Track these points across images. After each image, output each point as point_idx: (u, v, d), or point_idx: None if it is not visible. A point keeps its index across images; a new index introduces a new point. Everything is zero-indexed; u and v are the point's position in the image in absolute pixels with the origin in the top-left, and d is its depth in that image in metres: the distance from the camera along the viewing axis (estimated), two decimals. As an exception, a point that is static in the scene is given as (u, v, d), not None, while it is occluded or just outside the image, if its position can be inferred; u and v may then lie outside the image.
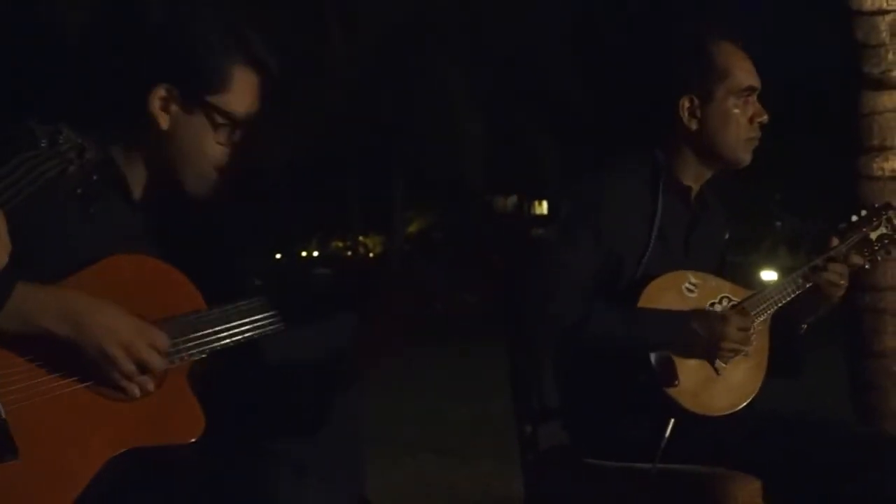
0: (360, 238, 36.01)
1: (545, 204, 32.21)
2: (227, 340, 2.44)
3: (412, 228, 29.92)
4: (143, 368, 2.31)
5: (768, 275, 3.88)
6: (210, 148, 2.49)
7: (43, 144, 2.11)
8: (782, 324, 3.24)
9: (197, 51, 2.47)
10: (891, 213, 3.39)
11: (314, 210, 29.97)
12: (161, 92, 2.44)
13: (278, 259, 32.23)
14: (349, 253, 36.53)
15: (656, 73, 3.33)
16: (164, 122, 2.46)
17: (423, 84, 24.17)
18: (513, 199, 33.40)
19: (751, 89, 3.22)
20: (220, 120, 2.48)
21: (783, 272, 3.29)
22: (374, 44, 23.32)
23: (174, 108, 2.46)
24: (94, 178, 2.20)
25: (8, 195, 2.00)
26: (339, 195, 29.06)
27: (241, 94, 2.50)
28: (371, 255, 36.76)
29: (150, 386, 2.34)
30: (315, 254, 38.15)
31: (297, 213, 28.55)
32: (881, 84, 4.67)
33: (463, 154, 24.24)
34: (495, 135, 24.54)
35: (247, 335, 2.46)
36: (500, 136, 24.74)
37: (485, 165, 24.76)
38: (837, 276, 3.22)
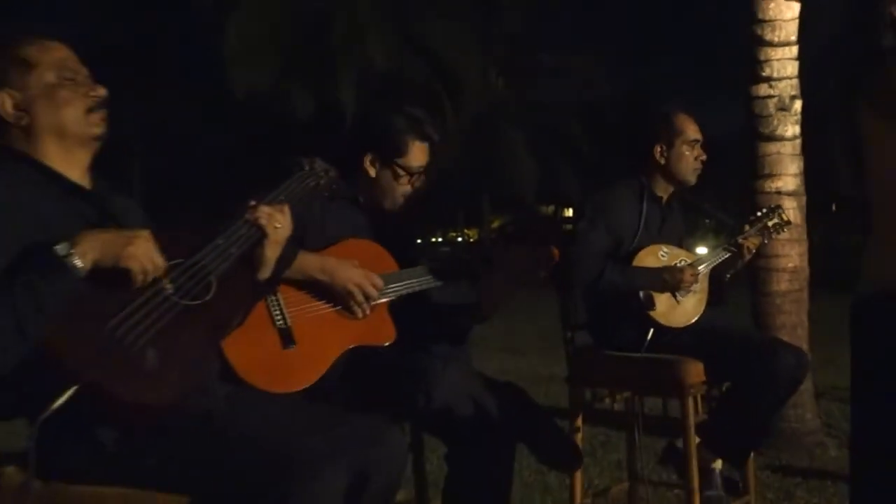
0: (465, 230, 35.90)
1: (570, 210, 31.87)
2: (409, 290, 2.48)
3: (494, 224, 29.88)
4: (367, 300, 2.36)
5: (700, 249, 3.83)
6: (399, 187, 2.56)
7: (306, 168, 2.15)
8: (715, 275, 3.20)
9: (389, 133, 2.53)
10: (780, 210, 3.35)
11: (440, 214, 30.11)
12: (369, 156, 2.53)
13: (419, 242, 32.30)
14: (458, 238, 36.42)
15: (641, 131, 3.29)
16: (372, 172, 2.56)
17: (499, 141, 24.16)
18: (551, 208, 33.06)
19: (696, 141, 3.19)
20: (402, 173, 2.53)
21: (711, 247, 3.26)
22: (471, 119, 23.26)
23: (378, 164, 2.53)
24: (334, 187, 2.23)
25: (289, 199, 2.03)
26: (453, 205, 29.20)
27: (415, 156, 2.55)
28: (470, 239, 36.61)
29: (368, 311, 2.38)
30: (439, 239, 38.05)
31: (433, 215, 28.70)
32: (770, 139, 4.61)
33: (522, 181, 24.18)
34: (541, 170, 24.49)
35: (419, 287, 2.50)
36: (543, 171, 24.68)
37: (535, 188, 24.73)
38: (749, 248, 3.19)
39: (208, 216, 1.96)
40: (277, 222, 1.92)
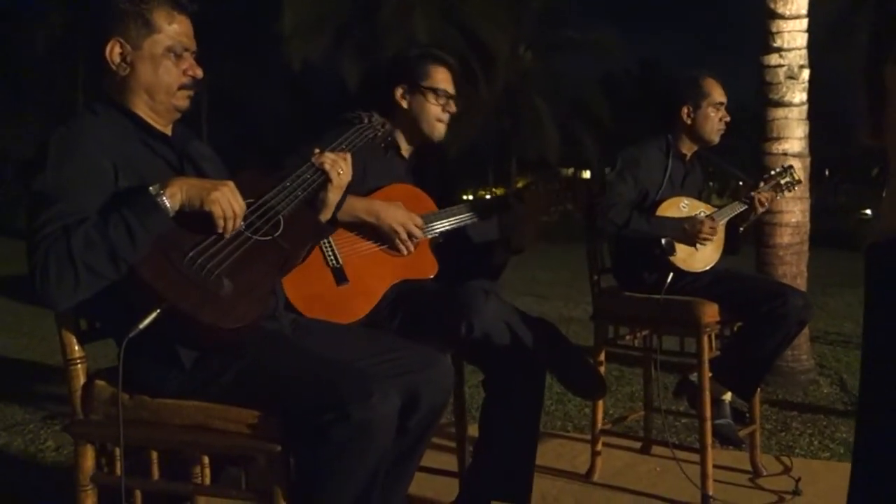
0: (493, 188, 35.66)
1: (588, 173, 31.52)
2: (448, 227, 2.39)
3: (519, 184, 29.64)
4: (411, 238, 2.29)
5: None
6: (431, 109, 2.44)
7: (365, 121, 2.09)
8: (731, 226, 3.08)
9: (411, 62, 2.46)
10: (792, 170, 3.21)
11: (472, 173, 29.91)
12: (399, 90, 2.43)
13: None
14: (487, 197, 36.25)
15: (671, 93, 3.15)
16: (404, 104, 2.44)
17: (526, 109, 23.92)
18: (571, 170, 32.67)
19: (721, 103, 3.05)
20: (429, 94, 2.44)
21: (728, 201, 3.15)
22: (501, 88, 23.00)
23: (408, 95, 2.43)
24: (389, 139, 2.18)
25: (349, 148, 1.98)
26: (483, 165, 29.03)
27: (438, 79, 2.46)
28: (498, 197, 36.21)
29: (412, 248, 2.31)
30: (470, 196, 37.90)
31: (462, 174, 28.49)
32: (778, 104, 4.49)
33: (546, 145, 23.94)
34: (563, 136, 24.22)
35: (458, 224, 2.41)
36: (565, 136, 24.40)
37: (558, 151, 24.44)
38: (762, 201, 3.07)
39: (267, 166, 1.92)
40: (340, 168, 1.88)
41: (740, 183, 3.28)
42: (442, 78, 2.48)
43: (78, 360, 1.72)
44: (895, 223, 1.56)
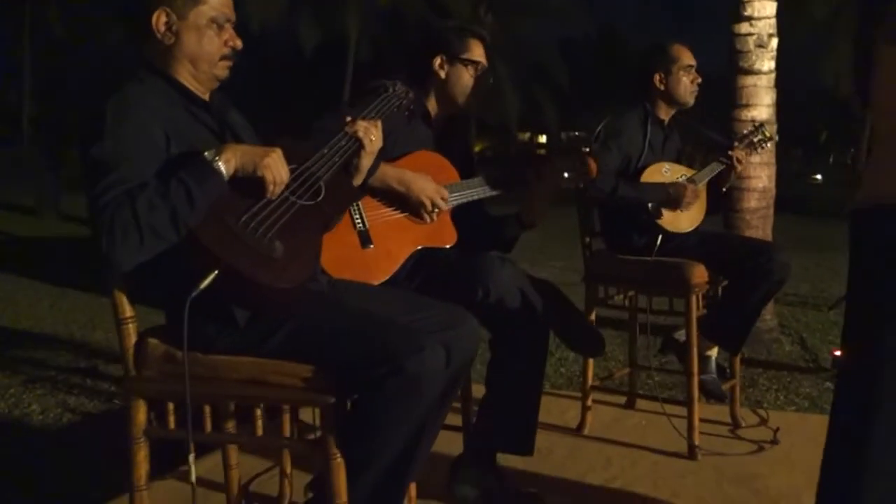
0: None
1: (543, 137, 31.55)
2: (469, 199, 2.48)
3: (477, 149, 29.43)
4: (435, 208, 2.38)
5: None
6: (468, 81, 2.56)
7: (390, 90, 2.16)
8: (712, 186, 3.21)
9: (452, 33, 2.59)
10: (763, 127, 3.35)
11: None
12: (438, 60, 2.54)
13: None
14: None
15: (644, 64, 3.23)
16: (442, 74, 2.56)
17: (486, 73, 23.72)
18: (527, 134, 32.65)
19: (691, 66, 3.17)
20: (468, 65, 2.55)
21: (706, 164, 3.24)
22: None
23: (446, 65, 2.54)
24: (412, 107, 2.24)
25: (378, 115, 2.05)
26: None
27: (475, 52, 2.58)
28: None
29: (436, 217, 2.40)
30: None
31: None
32: (748, 72, 4.66)
33: (506, 110, 23.84)
34: (522, 103, 24.14)
35: (477, 196, 2.50)
36: (524, 103, 24.33)
37: (517, 116, 24.37)
38: (739, 161, 3.20)
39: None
40: (372, 135, 1.96)
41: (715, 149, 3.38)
42: (479, 52, 2.58)
43: (129, 320, 1.78)
44: (878, 190, 1.59)
